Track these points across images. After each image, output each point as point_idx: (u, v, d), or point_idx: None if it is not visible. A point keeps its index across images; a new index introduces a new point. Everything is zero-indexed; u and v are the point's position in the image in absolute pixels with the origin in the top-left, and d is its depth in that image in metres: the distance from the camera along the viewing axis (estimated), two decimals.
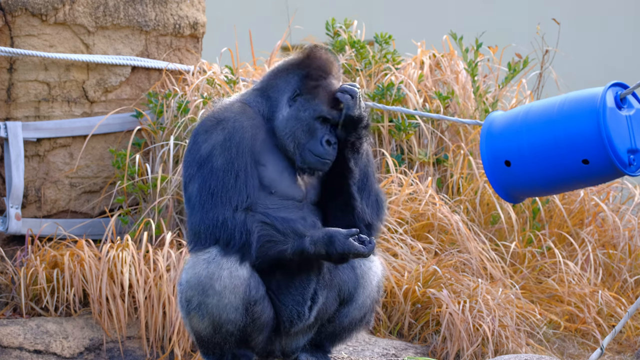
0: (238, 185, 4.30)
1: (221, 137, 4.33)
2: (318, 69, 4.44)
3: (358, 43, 7.87)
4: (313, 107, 4.41)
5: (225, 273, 4.28)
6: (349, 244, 4.29)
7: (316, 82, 4.43)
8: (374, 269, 4.53)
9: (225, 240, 4.28)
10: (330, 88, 4.43)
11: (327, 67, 4.45)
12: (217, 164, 4.31)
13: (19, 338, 6.29)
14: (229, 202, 4.29)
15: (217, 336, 4.34)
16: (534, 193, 4.23)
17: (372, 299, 4.53)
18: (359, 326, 4.56)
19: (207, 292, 4.30)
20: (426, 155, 7.46)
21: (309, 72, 4.43)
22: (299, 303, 4.39)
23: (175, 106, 7.04)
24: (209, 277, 4.29)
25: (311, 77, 4.43)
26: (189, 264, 4.35)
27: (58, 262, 6.54)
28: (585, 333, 6.84)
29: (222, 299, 4.29)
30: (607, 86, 4.06)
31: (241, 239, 4.27)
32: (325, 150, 4.40)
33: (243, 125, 4.36)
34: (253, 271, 4.32)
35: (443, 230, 6.99)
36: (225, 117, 4.37)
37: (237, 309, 4.31)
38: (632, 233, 7.40)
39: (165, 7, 7.25)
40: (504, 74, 7.95)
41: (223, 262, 4.28)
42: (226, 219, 4.28)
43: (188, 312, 4.35)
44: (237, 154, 4.32)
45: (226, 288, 4.28)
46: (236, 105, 4.44)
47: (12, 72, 6.90)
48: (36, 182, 6.97)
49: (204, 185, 4.31)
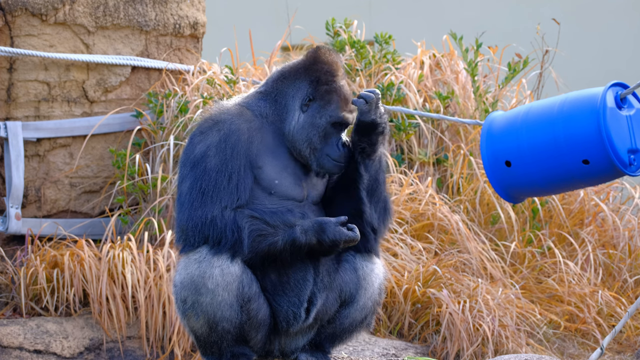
0: (230, 187, 4.31)
1: (216, 138, 4.34)
2: (327, 73, 4.45)
3: (358, 43, 7.87)
4: (329, 113, 4.43)
5: (217, 271, 4.28)
6: (340, 231, 4.30)
7: (328, 87, 4.43)
8: (376, 271, 4.53)
9: (215, 238, 4.29)
10: (342, 91, 4.45)
11: (335, 69, 4.47)
12: (210, 165, 4.32)
13: (19, 338, 6.29)
14: (219, 201, 4.30)
15: (214, 334, 4.34)
16: (534, 193, 4.23)
17: (374, 301, 4.53)
18: (359, 328, 4.56)
19: (200, 290, 4.30)
20: (426, 155, 7.46)
21: (319, 77, 4.44)
22: (295, 304, 4.39)
23: (175, 106, 7.04)
24: (201, 275, 4.29)
25: (321, 82, 4.44)
26: (181, 265, 4.35)
27: (58, 262, 6.54)
28: (585, 333, 6.84)
29: (216, 297, 4.30)
30: (607, 86, 4.06)
31: (233, 236, 4.28)
32: (341, 154, 4.43)
33: (239, 128, 4.36)
34: (245, 268, 4.33)
35: (443, 230, 6.99)
36: (222, 119, 4.38)
37: (231, 306, 4.31)
38: (632, 233, 7.40)
39: (165, 7, 7.25)
40: (504, 74, 7.95)
41: (214, 261, 4.29)
42: (215, 217, 4.29)
43: (184, 312, 4.36)
44: (231, 156, 4.32)
45: (219, 285, 4.29)
46: (234, 108, 4.44)
47: (12, 72, 6.89)
48: (36, 182, 6.97)
49: (195, 184, 4.32)
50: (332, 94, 4.43)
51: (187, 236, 4.32)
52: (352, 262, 4.48)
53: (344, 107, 4.44)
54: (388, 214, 4.55)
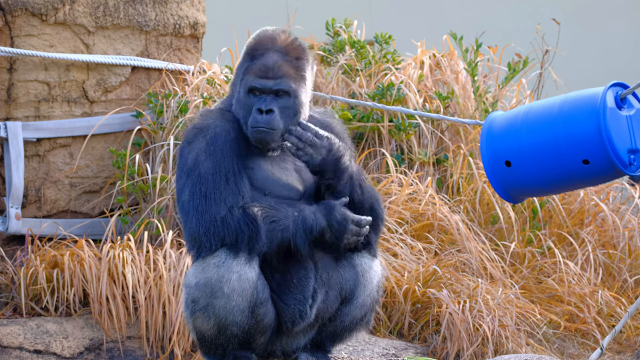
0: (230, 186, 4.29)
1: (204, 143, 4.33)
2: (258, 49, 4.40)
3: (358, 43, 7.87)
4: (245, 83, 4.38)
5: (235, 277, 4.27)
6: (347, 212, 4.32)
7: (251, 62, 4.39)
8: (375, 268, 4.53)
9: (231, 236, 4.27)
10: (264, 61, 4.37)
11: (267, 44, 4.41)
12: (204, 169, 4.31)
13: (19, 338, 6.29)
14: (223, 202, 4.29)
15: (221, 337, 4.35)
16: (534, 193, 4.23)
17: (373, 299, 4.54)
18: (359, 326, 4.56)
19: (215, 294, 4.29)
20: (426, 155, 7.46)
21: (252, 55, 4.41)
22: (301, 302, 4.39)
23: (175, 106, 7.04)
24: (219, 280, 4.28)
25: (251, 58, 4.41)
26: (198, 269, 4.31)
27: (58, 262, 6.54)
28: (585, 333, 6.84)
29: (230, 302, 4.29)
30: (607, 86, 4.06)
31: (249, 229, 4.26)
32: (256, 119, 4.34)
33: (225, 129, 4.35)
34: (260, 272, 4.33)
35: (443, 230, 6.99)
36: (205, 124, 4.37)
37: (243, 311, 4.31)
38: (632, 233, 7.40)
39: (165, 7, 7.25)
40: (504, 74, 7.95)
41: (233, 265, 4.27)
42: (225, 217, 4.27)
43: (193, 312, 4.35)
44: (222, 157, 4.31)
45: (234, 291, 4.28)
46: (215, 112, 4.43)
47: (12, 72, 6.90)
48: (36, 182, 6.98)
49: (195, 190, 4.30)
50: (252, 66, 4.38)
51: (202, 242, 4.30)
52: (350, 259, 4.49)
53: (258, 74, 4.35)
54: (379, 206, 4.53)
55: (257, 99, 4.36)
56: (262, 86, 4.35)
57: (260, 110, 4.33)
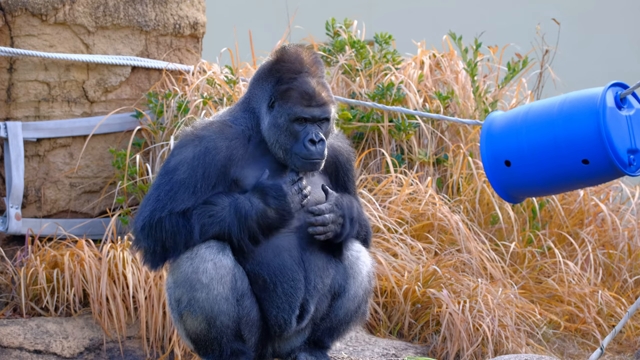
0: (195, 197, 4.30)
1: (191, 154, 4.33)
2: (288, 72, 4.39)
3: (358, 43, 7.87)
4: (287, 111, 4.36)
5: (210, 265, 4.28)
6: (282, 185, 4.30)
7: (287, 85, 4.38)
8: (362, 259, 4.51)
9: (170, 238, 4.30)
10: (303, 87, 4.36)
11: (297, 67, 4.39)
12: (178, 177, 4.31)
13: (19, 338, 6.30)
14: (170, 204, 4.30)
15: (213, 330, 4.33)
16: (534, 193, 4.23)
17: (364, 289, 4.52)
18: (354, 317, 4.54)
19: (194, 286, 4.29)
20: (426, 155, 7.46)
21: (281, 77, 4.40)
22: (285, 311, 4.38)
23: (175, 106, 7.04)
24: (194, 271, 4.28)
25: (282, 81, 4.40)
26: (173, 266, 4.34)
27: (58, 262, 6.55)
28: (585, 333, 6.84)
29: (212, 291, 4.29)
30: (607, 86, 4.06)
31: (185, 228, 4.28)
32: (310, 151, 4.36)
33: (217, 146, 4.34)
34: (236, 262, 4.32)
35: (443, 230, 6.99)
36: (201, 135, 4.36)
37: (227, 299, 4.30)
38: (632, 233, 7.40)
39: (165, 7, 7.25)
40: (504, 73, 7.95)
41: (206, 254, 4.28)
42: (162, 218, 4.29)
43: (180, 313, 4.34)
44: (202, 176, 4.32)
45: (213, 279, 4.28)
46: (215, 125, 4.41)
47: (12, 72, 6.90)
48: (36, 182, 6.98)
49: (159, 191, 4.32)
50: (290, 92, 4.36)
51: (139, 240, 4.33)
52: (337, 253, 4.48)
53: (302, 102, 4.36)
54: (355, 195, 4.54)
55: (302, 127, 4.37)
56: (310, 116, 4.36)
57: (313, 141, 4.35)
